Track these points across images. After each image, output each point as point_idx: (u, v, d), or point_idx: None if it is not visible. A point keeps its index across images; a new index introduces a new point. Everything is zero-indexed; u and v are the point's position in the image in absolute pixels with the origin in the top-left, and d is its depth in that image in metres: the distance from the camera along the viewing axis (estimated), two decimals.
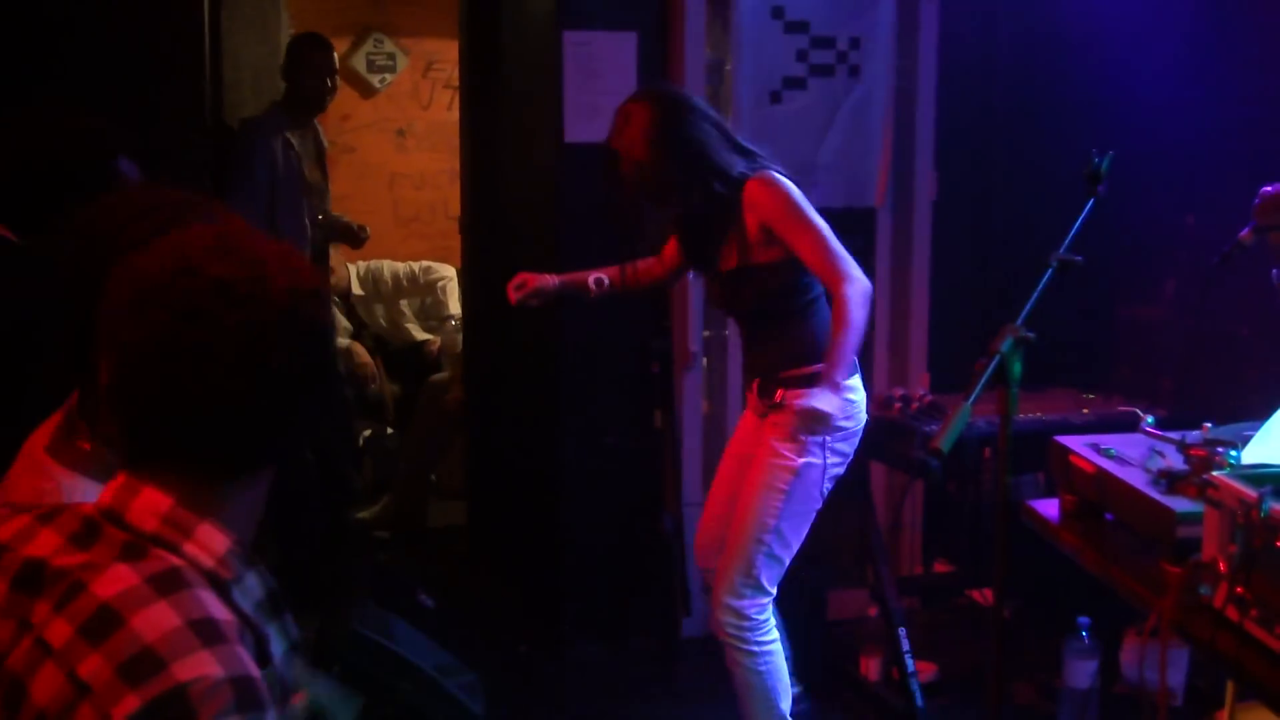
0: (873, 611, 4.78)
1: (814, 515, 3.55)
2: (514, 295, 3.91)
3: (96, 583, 1.34)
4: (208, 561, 1.38)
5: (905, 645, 4.10)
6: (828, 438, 3.47)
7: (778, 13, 4.73)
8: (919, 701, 4.07)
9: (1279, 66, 4.04)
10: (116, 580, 1.33)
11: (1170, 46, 4.40)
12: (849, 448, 3.54)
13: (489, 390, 5.35)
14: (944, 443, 2.37)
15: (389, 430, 6.62)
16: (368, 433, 6.58)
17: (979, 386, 2.45)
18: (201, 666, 1.27)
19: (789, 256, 3.49)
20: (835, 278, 3.37)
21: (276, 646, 1.43)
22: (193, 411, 1.38)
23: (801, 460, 3.47)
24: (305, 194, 5.29)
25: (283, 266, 1.41)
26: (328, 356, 1.45)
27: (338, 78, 5.49)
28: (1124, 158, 2.96)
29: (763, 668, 3.54)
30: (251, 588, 1.42)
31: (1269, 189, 2.78)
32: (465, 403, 5.77)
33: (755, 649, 3.53)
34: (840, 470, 3.55)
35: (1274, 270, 2.88)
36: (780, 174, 3.52)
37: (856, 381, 3.55)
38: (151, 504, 1.40)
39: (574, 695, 4.45)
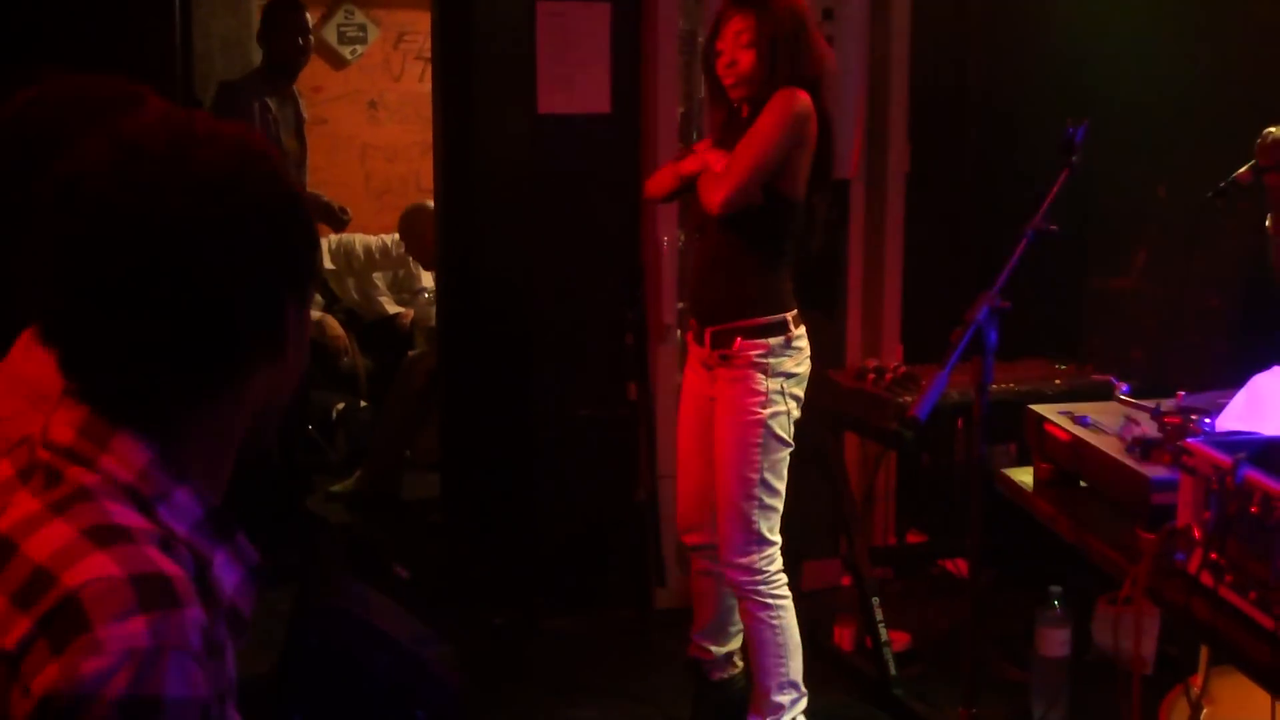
0: (846, 581, 4.81)
1: (789, 457, 3.60)
2: None
3: (1, 519, 1.21)
4: (125, 475, 1.22)
5: (878, 615, 4.13)
6: (785, 385, 3.53)
7: None
8: (892, 670, 4.10)
9: (1254, 39, 4.04)
10: (18, 509, 1.21)
11: (1145, 16, 4.40)
12: (802, 391, 3.61)
13: (462, 362, 5.33)
14: (921, 410, 2.38)
15: (362, 403, 6.60)
16: (341, 406, 6.56)
17: (956, 354, 2.46)
18: (94, 569, 1.12)
19: (786, 195, 3.50)
20: (726, 172, 3.41)
21: (229, 571, 1.28)
22: (62, 297, 1.22)
23: (767, 412, 3.54)
24: None
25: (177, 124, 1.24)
26: (239, 227, 1.23)
27: (311, 39, 5.51)
28: (1096, 127, 2.96)
29: (776, 622, 3.61)
30: (184, 505, 1.25)
31: (1276, 129, 2.76)
32: (438, 375, 5.75)
33: (771, 601, 3.60)
34: (798, 414, 3.61)
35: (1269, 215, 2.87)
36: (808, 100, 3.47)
37: (802, 330, 3.60)
38: (69, 415, 1.25)
39: (549, 666, 4.45)
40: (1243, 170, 2.77)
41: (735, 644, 3.90)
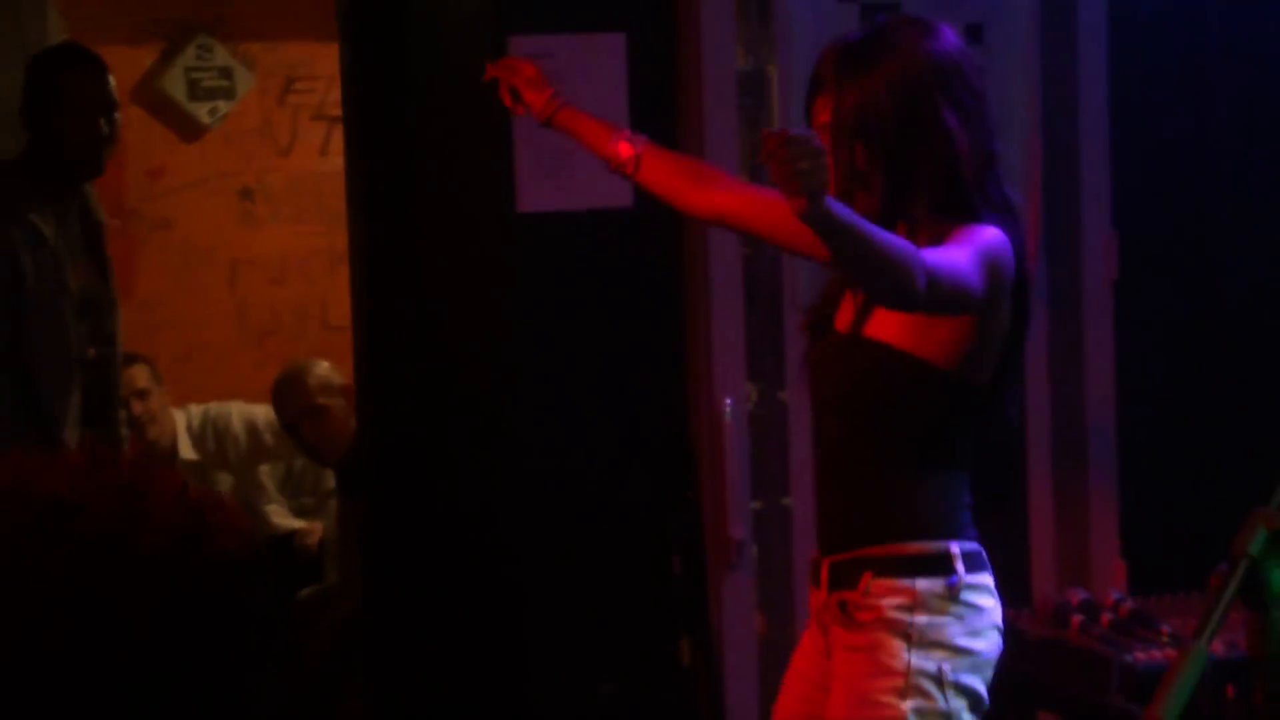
0: None
1: None
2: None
3: None
4: None
5: None
6: (944, 666, 3.49)
7: None
8: None
9: None
10: None
11: None
12: (979, 682, 3.56)
13: (405, 612, 5.34)
14: (1166, 715, 2.36)
15: None
16: None
17: (1217, 617, 2.43)
18: None
19: (951, 364, 3.48)
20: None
21: None
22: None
23: (907, 706, 3.48)
24: (71, 312, 5.12)
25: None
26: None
27: (117, 115, 5.26)
28: None
29: None
30: None
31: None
32: (364, 621, 5.76)
33: None
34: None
35: None
36: (1004, 235, 3.44)
37: (985, 580, 3.57)
38: None
39: None
40: None
41: None
